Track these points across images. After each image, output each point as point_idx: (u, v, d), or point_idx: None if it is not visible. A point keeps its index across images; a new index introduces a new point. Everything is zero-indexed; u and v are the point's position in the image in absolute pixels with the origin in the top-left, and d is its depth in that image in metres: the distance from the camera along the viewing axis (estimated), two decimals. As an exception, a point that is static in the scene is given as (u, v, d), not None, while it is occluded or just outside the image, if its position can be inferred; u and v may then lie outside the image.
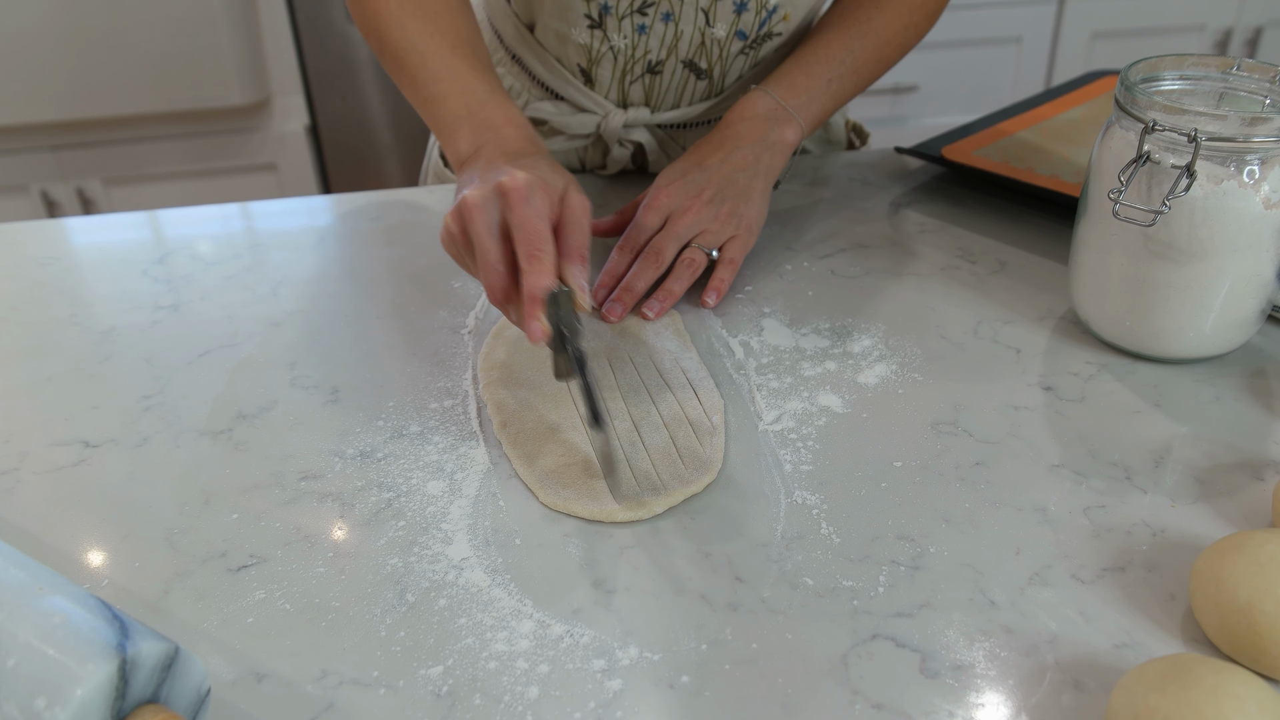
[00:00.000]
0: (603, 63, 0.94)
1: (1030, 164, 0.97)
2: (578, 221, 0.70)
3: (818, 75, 0.89)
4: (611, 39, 0.92)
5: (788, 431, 0.69)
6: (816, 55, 0.90)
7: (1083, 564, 0.58)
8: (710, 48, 0.92)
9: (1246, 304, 0.71)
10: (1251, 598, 0.51)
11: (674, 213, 0.83)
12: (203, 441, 0.69)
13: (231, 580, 0.59)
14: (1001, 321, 0.79)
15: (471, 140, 0.76)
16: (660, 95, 0.97)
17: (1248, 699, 0.45)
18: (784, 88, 0.89)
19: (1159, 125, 0.66)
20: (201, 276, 0.89)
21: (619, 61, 0.94)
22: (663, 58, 0.93)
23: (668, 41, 0.91)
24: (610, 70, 0.95)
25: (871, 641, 0.54)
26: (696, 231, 0.83)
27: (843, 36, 0.91)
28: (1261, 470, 0.65)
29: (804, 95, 0.89)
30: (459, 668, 0.53)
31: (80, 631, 0.44)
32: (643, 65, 0.94)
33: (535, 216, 0.67)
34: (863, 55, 0.91)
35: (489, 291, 0.68)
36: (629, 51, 0.92)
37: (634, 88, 0.96)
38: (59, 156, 2.12)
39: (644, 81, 0.96)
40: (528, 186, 0.67)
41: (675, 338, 0.78)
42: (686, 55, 0.93)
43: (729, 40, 0.92)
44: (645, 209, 0.84)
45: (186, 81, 2.03)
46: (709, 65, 0.94)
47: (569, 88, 0.97)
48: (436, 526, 0.62)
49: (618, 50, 0.93)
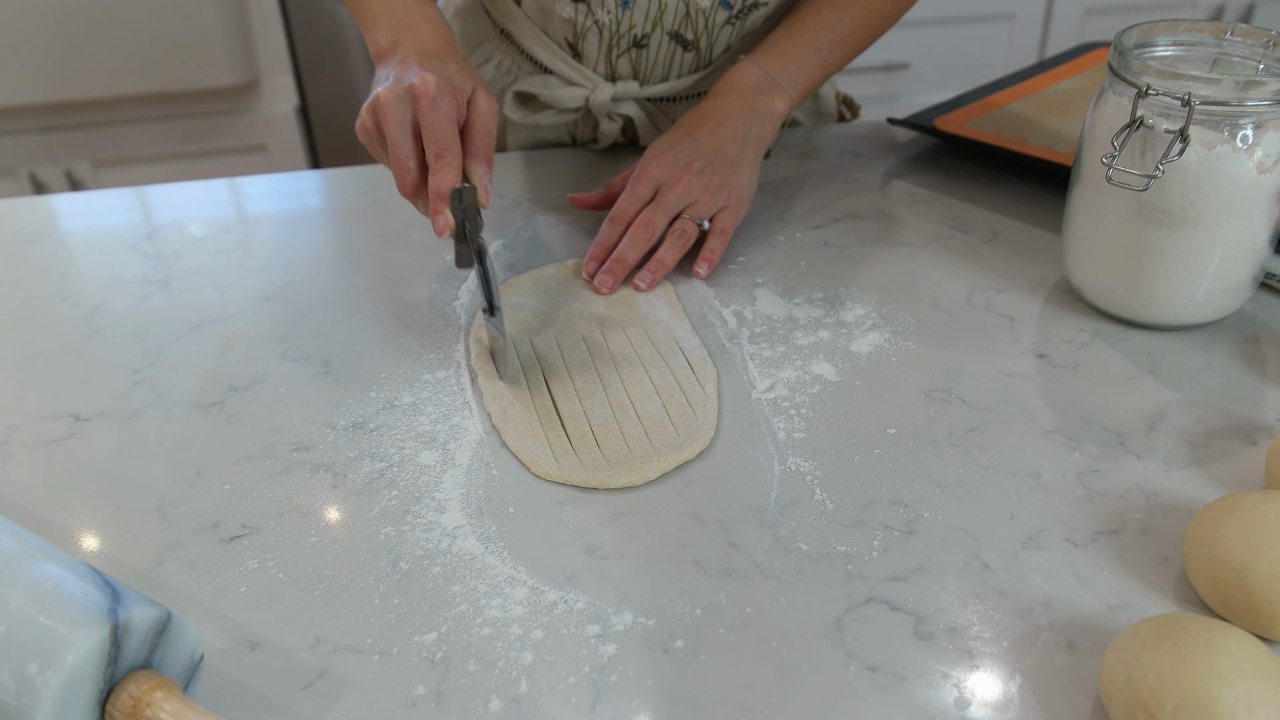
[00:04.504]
0: (588, 37, 0.94)
1: (1023, 135, 0.97)
2: (484, 124, 0.74)
3: (806, 44, 0.89)
4: (595, 13, 0.91)
5: (781, 399, 0.68)
6: (805, 25, 0.90)
7: (1076, 528, 0.58)
8: (695, 19, 0.92)
9: (1239, 270, 0.71)
10: (1244, 558, 0.51)
11: (664, 184, 0.83)
12: (194, 414, 0.69)
13: (224, 550, 0.58)
14: (994, 290, 0.79)
15: (390, 36, 0.78)
16: (648, 68, 0.97)
17: (1241, 655, 0.45)
18: (772, 58, 0.89)
19: (1153, 90, 0.66)
20: (191, 252, 0.88)
21: (604, 35, 0.93)
22: (648, 30, 0.93)
23: (652, 14, 0.91)
24: (597, 44, 0.94)
25: (866, 605, 0.54)
26: (687, 202, 0.82)
27: (831, 6, 0.90)
28: (1254, 434, 0.65)
29: (793, 65, 0.88)
30: (453, 634, 0.53)
31: (72, 597, 0.44)
32: (628, 39, 0.93)
33: (443, 118, 0.71)
34: (851, 24, 0.90)
35: (399, 185, 0.72)
36: (613, 25, 0.92)
37: (621, 61, 0.96)
38: (47, 138, 2.11)
39: (631, 55, 0.95)
40: (437, 89, 0.71)
41: (668, 308, 0.78)
42: (672, 27, 0.92)
43: (714, 10, 0.91)
44: (635, 180, 0.83)
45: (175, 62, 2.02)
46: (695, 37, 0.94)
47: (557, 61, 0.97)
48: (430, 496, 0.61)
49: (602, 24, 0.92)
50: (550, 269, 0.83)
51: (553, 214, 0.91)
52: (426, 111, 0.71)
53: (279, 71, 2.10)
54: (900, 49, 2.27)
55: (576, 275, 0.82)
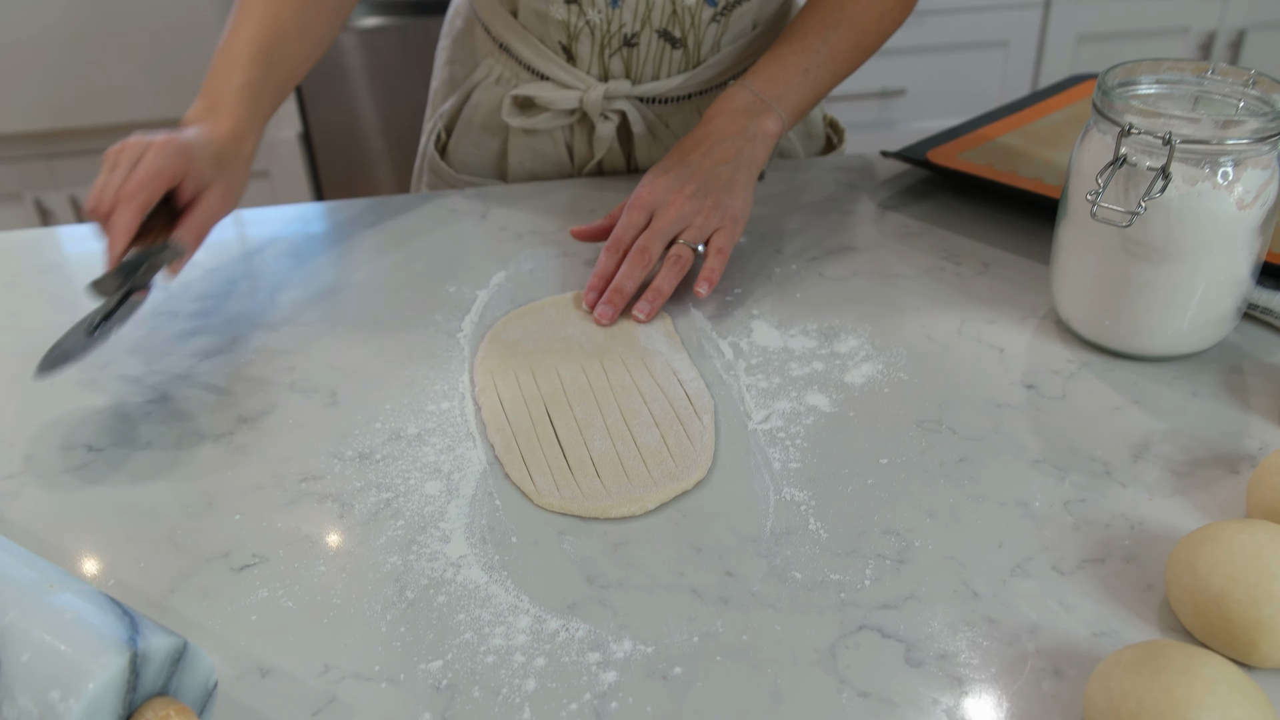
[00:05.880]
0: (581, 38, 0.98)
1: (1013, 167, 0.99)
2: (207, 211, 0.79)
3: (794, 66, 0.92)
4: (587, 13, 0.95)
5: (776, 430, 0.70)
6: (792, 47, 0.93)
7: (1063, 556, 0.60)
8: (682, 15, 0.96)
9: (1222, 302, 0.73)
10: (1224, 585, 0.53)
11: (658, 208, 0.85)
12: (204, 444, 0.71)
13: (235, 579, 0.60)
14: (985, 321, 0.81)
15: (196, 113, 0.84)
16: (639, 67, 1.00)
17: (1218, 680, 0.47)
18: (761, 80, 0.91)
19: (1135, 129, 0.68)
20: (199, 283, 0.90)
21: (596, 36, 0.97)
22: (638, 29, 0.96)
23: (640, 12, 0.95)
24: (589, 45, 0.98)
25: (858, 632, 0.56)
26: (682, 226, 0.84)
27: (818, 27, 0.93)
28: (1236, 464, 0.66)
29: (782, 86, 0.91)
30: (458, 662, 0.54)
31: (92, 627, 0.46)
32: (619, 38, 0.97)
33: (156, 171, 0.75)
34: (839, 45, 0.93)
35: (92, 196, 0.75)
36: (605, 25, 0.96)
37: (613, 61, 0.99)
38: (53, 164, 2.13)
39: (623, 54, 0.99)
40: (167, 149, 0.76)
41: (666, 340, 0.80)
42: (660, 25, 0.96)
43: (699, 7, 0.95)
44: (630, 208, 0.85)
45: (181, 90, 2.04)
46: (683, 34, 0.97)
47: (553, 66, 1.01)
48: (434, 525, 0.63)
49: (594, 25, 0.96)
50: (551, 300, 0.85)
51: (553, 246, 0.94)
52: (147, 157, 0.75)
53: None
54: (896, 76, 2.30)
55: (577, 307, 0.84)
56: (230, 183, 0.81)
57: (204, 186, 0.79)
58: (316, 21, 0.90)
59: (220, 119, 0.83)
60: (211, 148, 0.80)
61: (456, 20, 1.10)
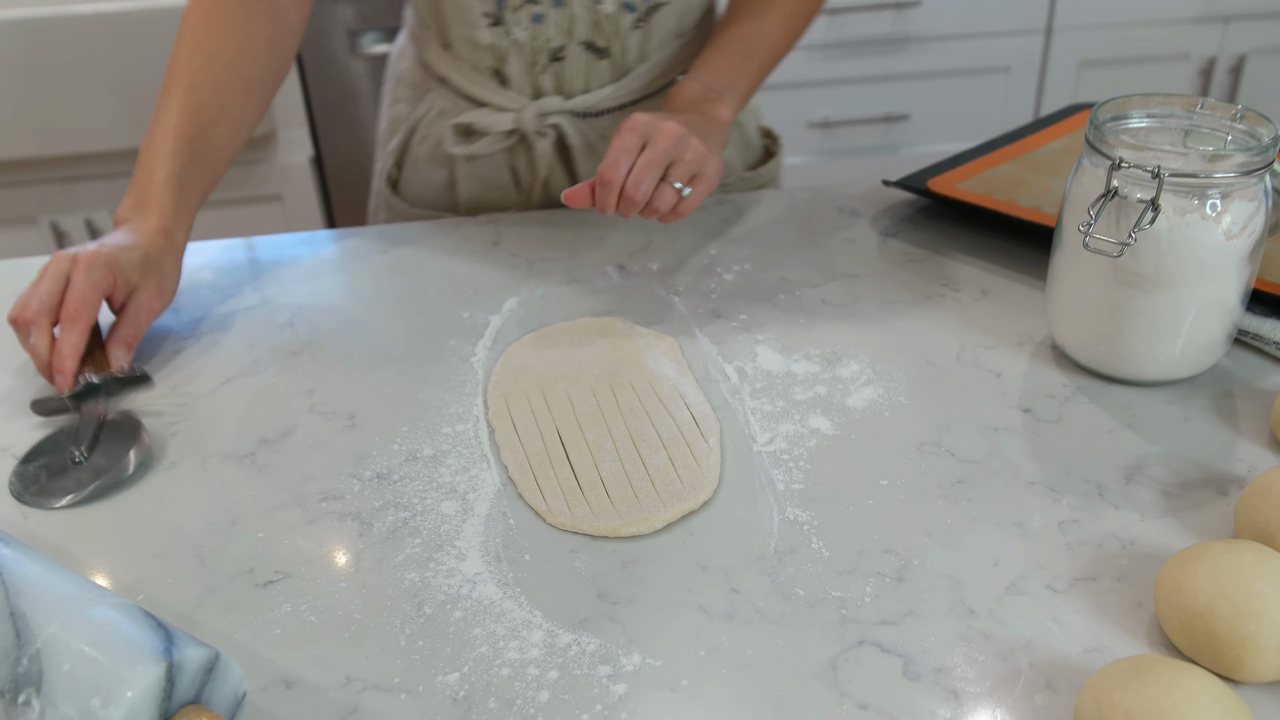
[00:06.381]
0: (510, 58, 1.02)
1: (1012, 195, 1.01)
2: (136, 314, 0.83)
3: (735, 54, 0.98)
4: (513, 32, 0.99)
5: (780, 452, 0.73)
6: (730, 36, 0.99)
7: (1056, 575, 0.62)
8: (604, 25, 0.99)
9: (1212, 329, 0.76)
10: (1210, 603, 0.55)
11: (652, 133, 0.84)
12: (228, 465, 0.74)
13: (259, 594, 0.63)
14: (983, 347, 0.84)
15: (126, 210, 0.88)
16: (570, 81, 1.04)
17: (1201, 693, 0.49)
18: (708, 72, 0.96)
19: (1125, 162, 0.71)
20: (220, 308, 0.93)
21: (524, 54, 1.01)
22: (563, 43, 1.00)
23: (564, 26, 0.99)
24: (519, 65, 1.02)
25: (858, 647, 0.58)
26: (673, 156, 0.84)
27: (751, 17, 1.00)
28: (1226, 486, 0.69)
29: (728, 75, 0.97)
30: (474, 674, 0.57)
31: (129, 638, 0.48)
32: (546, 54, 1.01)
33: (88, 286, 0.79)
34: (771, 31, 1.00)
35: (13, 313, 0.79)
36: (531, 42, 1.00)
37: (544, 78, 1.03)
38: (68, 189, 2.17)
39: (552, 70, 1.03)
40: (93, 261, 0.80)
41: (673, 364, 0.82)
42: (584, 36, 1.00)
43: (619, 14, 0.99)
44: (623, 130, 0.85)
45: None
46: (607, 43, 1.01)
47: (487, 91, 1.05)
48: (451, 544, 0.66)
49: (521, 43, 1.00)
50: (562, 326, 0.88)
51: (564, 272, 0.96)
52: (76, 275, 0.79)
53: (294, 124, 2.17)
54: (899, 101, 2.33)
55: (587, 333, 0.86)
56: (160, 280, 0.85)
57: (133, 290, 0.83)
58: (237, 104, 0.93)
59: (148, 215, 0.87)
60: (138, 251, 0.84)
61: (400, 62, 1.15)
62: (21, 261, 1.02)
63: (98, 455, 0.73)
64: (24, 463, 0.73)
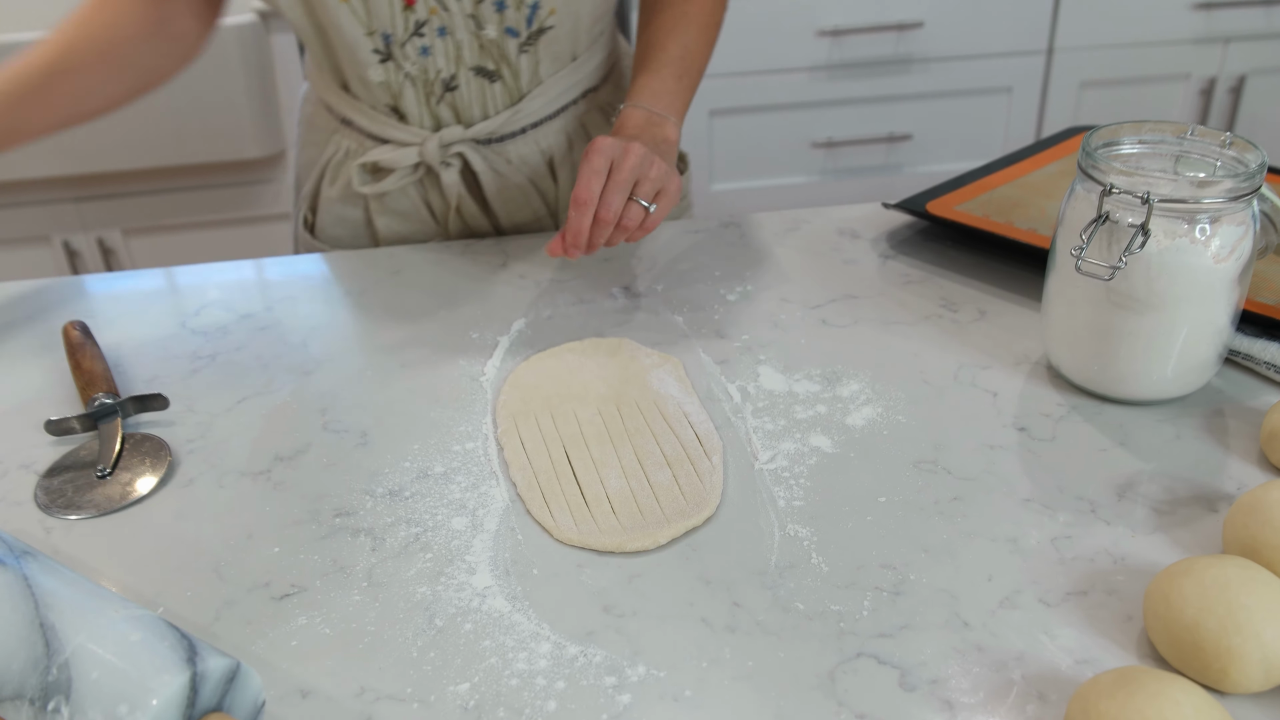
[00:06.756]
0: (405, 93, 1.03)
1: (1009, 217, 1.03)
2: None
3: (669, 77, 1.01)
4: (403, 66, 1.01)
5: (781, 470, 0.75)
6: (658, 59, 1.02)
7: (1049, 589, 0.64)
8: (490, 50, 1.01)
9: (1203, 349, 0.78)
10: (1196, 616, 0.57)
11: (616, 157, 0.88)
12: (244, 481, 0.76)
13: (275, 607, 0.65)
14: (980, 367, 0.86)
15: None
16: (467, 109, 1.05)
17: (1185, 703, 0.51)
18: (647, 97, 0.99)
19: (1116, 188, 0.73)
20: (236, 329, 0.95)
21: (418, 87, 1.03)
22: (454, 71, 1.02)
23: (451, 54, 1.00)
24: (414, 98, 1.04)
25: (856, 659, 0.60)
26: (639, 175, 0.88)
27: (673, 35, 1.02)
28: (1215, 503, 0.71)
29: (665, 97, 0.99)
30: (484, 684, 0.59)
31: (155, 648, 0.50)
32: (440, 84, 1.02)
33: None
34: (692, 45, 1.03)
35: None
36: (422, 74, 1.02)
37: (441, 108, 1.05)
38: (81, 208, 2.20)
39: (448, 100, 1.04)
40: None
41: (677, 384, 0.84)
42: (473, 62, 1.01)
43: (502, 39, 1.00)
44: (589, 153, 0.88)
45: (204, 136, 2.11)
46: (496, 66, 1.03)
47: (388, 128, 1.06)
48: (461, 559, 0.68)
49: (413, 76, 1.02)
50: (569, 346, 0.90)
51: (570, 294, 0.98)
52: None
53: (305, 145, 2.19)
54: (902, 121, 2.36)
55: (594, 353, 0.88)
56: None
57: None
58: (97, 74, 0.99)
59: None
60: None
61: (306, 107, 1.17)
62: (36, 283, 1.05)
63: (120, 471, 0.75)
64: (47, 477, 0.76)
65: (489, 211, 1.13)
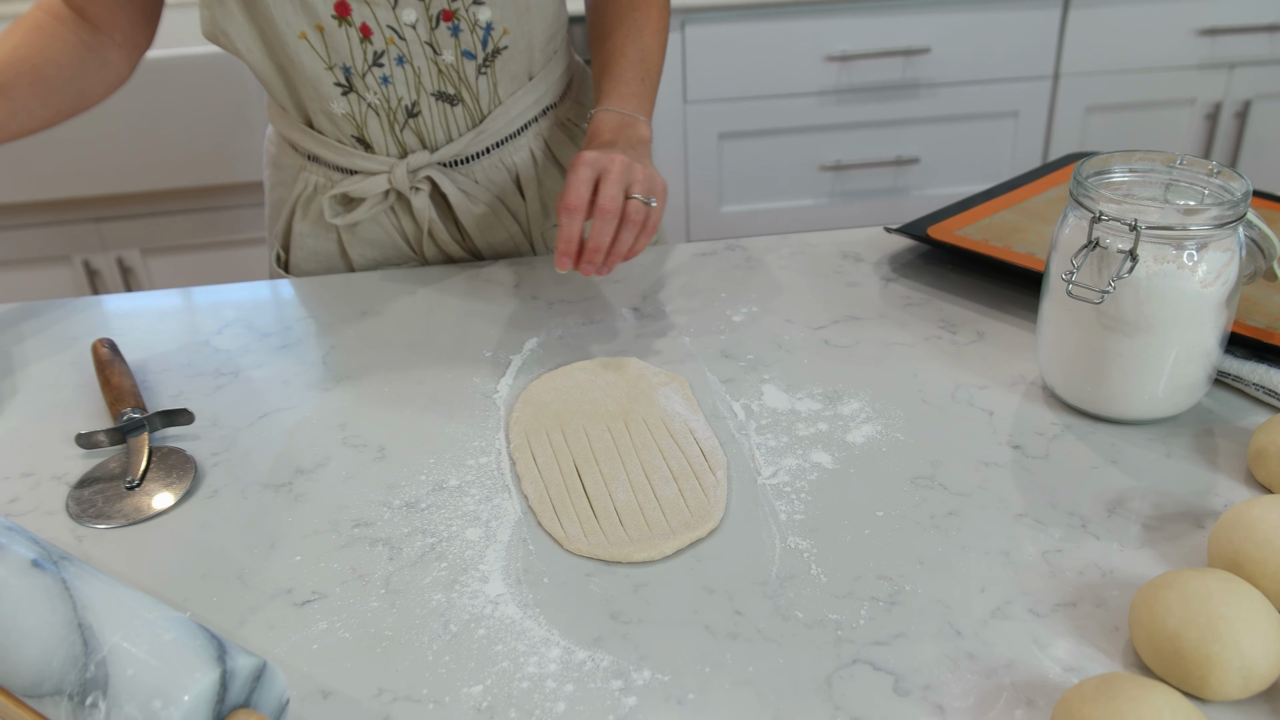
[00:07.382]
0: (369, 123, 1.06)
1: (1008, 242, 1.06)
2: None
3: (632, 79, 1.04)
4: (365, 97, 1.03)
5: (783, 485, 0.77)
6: (619, 65, 1.05)
7: (1039, 600, 0.67)
8: (449, 74, 1.04)
9: (1192, 371, 0.80)
10: (1178, 626, 0.59)
11: (603, 166, 0.91)
12: (266, 493, 0.79)
13: (297, 613, 0.68)
14: (977, 387, 0.88)
15: None
16: (431, 134, 1.08)
17: (1164, 708, 0.53)
18: (616, 100, 1.02)
19: (1105, 215, 0.76)
20: (255, 347, 0.99)
21: (381, 116, 1.05)
22: (415, 98, 1.04)
23: (411, 81, 1.03)
24: (379, 127, 1.06)
25: (852, 665, 0.62)
26: (631, 178, 0.91)
27: (629, 40, 1.06)
28: (1202, 519, 0.73)
29: (633, 99, 1.03)
30: (496, 687, 0.61)
31: (187, 647, 0.53)
32: (402, 111, 1.05)
33: None
34: (648, 48, 1.07)
35: None
36: (384, 103, 1.04)
37: (406, 135, 1.07)
38: (100, 228, 2.24)
39: (412, 126, 1.07)
40: None
41: (684, 402, 0.87)
42: (433, 87, 1.04)
43: (460, 62, 1.03)
44: (576, 165, 0.91)
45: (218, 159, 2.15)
46: (456, 90, 1.05)
47: (356, 160, 1.08)
48: (475, 568, 0.71)
49: (376, 106, 1.04)
50: (579, 365, 0.93)
51: (581, 314, 1.02)
52: None
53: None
54: (910, 145, 2.39)
55: (603, 371, 0.91)
56: None
57: None
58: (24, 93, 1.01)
59: None
60: None
61: (270, 146, 1.19)
62: (62, 301, 1.08)
63: (148, 482, 0.79)
64: (79, 488, 0.79)
65: (464, 235, 1.15)
